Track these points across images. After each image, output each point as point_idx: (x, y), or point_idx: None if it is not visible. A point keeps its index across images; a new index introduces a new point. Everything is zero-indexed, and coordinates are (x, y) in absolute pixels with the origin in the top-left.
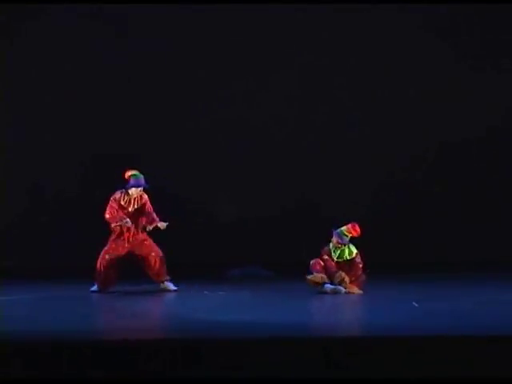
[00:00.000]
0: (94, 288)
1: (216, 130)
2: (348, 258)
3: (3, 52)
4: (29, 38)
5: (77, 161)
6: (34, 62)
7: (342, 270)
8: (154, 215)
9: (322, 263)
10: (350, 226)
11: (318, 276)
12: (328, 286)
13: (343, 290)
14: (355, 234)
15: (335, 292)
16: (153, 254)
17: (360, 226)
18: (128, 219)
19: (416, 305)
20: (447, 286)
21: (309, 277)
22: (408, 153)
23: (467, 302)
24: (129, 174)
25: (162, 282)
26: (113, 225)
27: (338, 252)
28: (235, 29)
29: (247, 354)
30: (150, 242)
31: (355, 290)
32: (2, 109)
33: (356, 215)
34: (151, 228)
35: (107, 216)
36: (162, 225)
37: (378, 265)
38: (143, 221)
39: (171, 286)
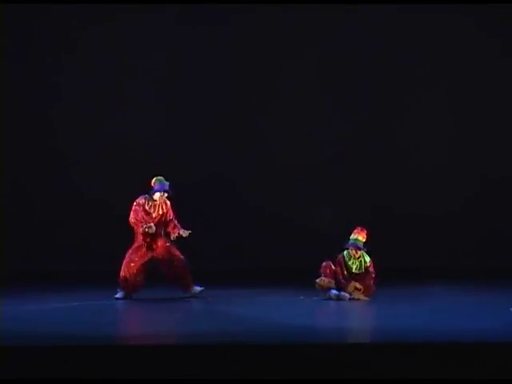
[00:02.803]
0: (119, 295)
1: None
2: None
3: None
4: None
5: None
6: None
7: (354, 279)
8: (176, 222)
9: (332, 268)
10: (358, 231)
11: (326, 280)
12: (333, 292)
13: (347, 296)
14: (365, 235)
15: (339, 298)
16: (176, 261)
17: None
18: (152, 224)
19: None
20: None
21: (317, 280)
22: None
23: None
24: (153, 179)
25: (189, 288)
26: (140, 229)
27: (357, 264)
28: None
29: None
30: (173, 249)
31: (362, 297)
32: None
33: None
34: (175, 237)
35: (132, 221)
36: (185, 232)
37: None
38: (166, 228)
39: (198, 289)
